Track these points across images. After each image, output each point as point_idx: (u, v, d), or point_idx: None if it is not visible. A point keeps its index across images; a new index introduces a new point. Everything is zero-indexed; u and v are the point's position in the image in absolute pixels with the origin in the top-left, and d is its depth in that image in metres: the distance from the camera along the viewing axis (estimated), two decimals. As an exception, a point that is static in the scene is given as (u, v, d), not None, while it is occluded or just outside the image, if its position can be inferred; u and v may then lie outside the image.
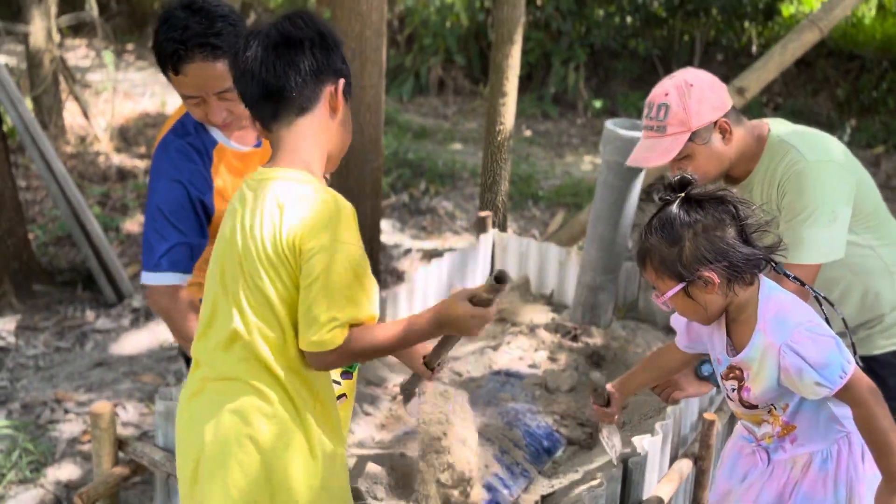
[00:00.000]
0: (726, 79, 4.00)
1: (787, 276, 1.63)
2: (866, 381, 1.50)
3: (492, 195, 4.68)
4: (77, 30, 10.70)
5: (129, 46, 11.57)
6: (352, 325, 1.36)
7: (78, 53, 10.55)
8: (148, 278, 1.86)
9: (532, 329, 2.82)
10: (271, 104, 1.42)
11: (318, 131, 1.45)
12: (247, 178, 1.47)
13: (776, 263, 1.56)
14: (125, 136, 7.30)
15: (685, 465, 2.07)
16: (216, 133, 1.93)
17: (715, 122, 1.97)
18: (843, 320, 1.73)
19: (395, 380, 2.61)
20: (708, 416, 2.07)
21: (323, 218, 1.35)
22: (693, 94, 1.96)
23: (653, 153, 1.97)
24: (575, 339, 2.79)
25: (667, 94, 1.98)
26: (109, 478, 1.94)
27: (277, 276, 1.37)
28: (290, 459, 1.41)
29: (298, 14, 1.44)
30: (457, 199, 6.50)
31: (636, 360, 2.74)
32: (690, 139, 1.95)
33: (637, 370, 1.98)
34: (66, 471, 3.12)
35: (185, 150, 1.89)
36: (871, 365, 2.04)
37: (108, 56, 8.38)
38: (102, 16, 9.24)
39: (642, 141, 2.04)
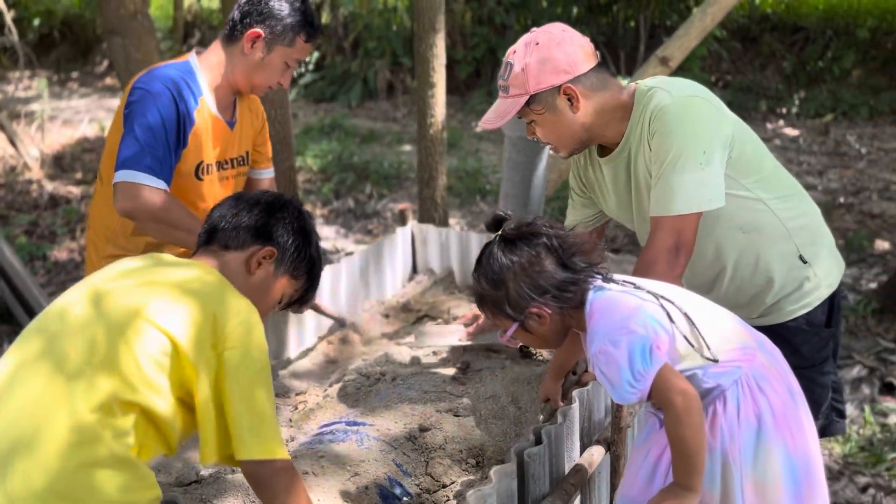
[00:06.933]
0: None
1: (616, 282, 1.52)
2: (676, 385, 1.41)
3: (430, 191, 4.53)
4: (16, 60, 10.47)
5: (74, 74, 11.36)
6: None
7: (21, 85, 10.33)
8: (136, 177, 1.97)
9: (448, 322, 2.66)
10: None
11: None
12: None
13: (604, 276, 1.54)
14: (60, 164, 7.10)
15: (597, 453, 1.91)
16: (205, 88, 2.12)
17: (559, 88, 1.77)
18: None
19: (300, 388, 2.44)
20: (617, 396, 1.91)
21: None
22: (536, 55, 1.75)
23: (494, 114, 1.81)
24: (494, 328, 2.64)
25: (514, 52, 1.79)
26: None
27: None
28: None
29: None
30: (404, 201, 6.35)
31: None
32: (528, 104, 1.78)
33: (562, 351, 1.86)
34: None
35: (175, 78, 2.06)
36: (782, 334, 1.87)
37: (42, 83, 8.20)
38: (23, 40, 9.01)
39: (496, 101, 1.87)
